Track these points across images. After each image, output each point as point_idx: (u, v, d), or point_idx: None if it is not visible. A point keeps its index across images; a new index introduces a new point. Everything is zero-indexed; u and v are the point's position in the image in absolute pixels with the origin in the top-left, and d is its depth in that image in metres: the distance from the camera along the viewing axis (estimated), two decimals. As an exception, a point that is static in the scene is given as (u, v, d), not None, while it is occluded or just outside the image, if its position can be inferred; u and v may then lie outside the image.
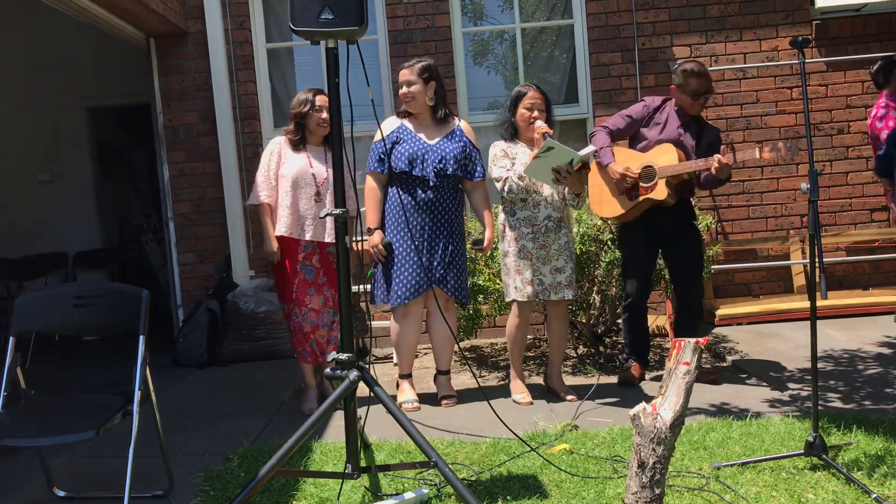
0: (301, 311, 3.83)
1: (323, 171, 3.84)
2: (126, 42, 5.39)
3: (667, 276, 4.30)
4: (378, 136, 3.80)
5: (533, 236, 3.72)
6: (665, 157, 3.78)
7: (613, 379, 4.15)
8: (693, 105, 3.86)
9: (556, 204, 3.76)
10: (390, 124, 3.86)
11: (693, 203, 4.12)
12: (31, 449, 3.12)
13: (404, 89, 3.78)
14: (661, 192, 3.77)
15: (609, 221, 4.33)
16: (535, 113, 3.73)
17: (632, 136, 4.01)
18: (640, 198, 3.83)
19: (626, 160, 3.89)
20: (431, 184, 3.73)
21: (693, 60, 3.94)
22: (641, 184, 3.82)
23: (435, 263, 3.76)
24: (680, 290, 4.03)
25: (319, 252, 3.88)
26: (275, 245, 3.80)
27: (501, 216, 3.82)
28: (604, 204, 3.99)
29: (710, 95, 3.92)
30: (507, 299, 3.84)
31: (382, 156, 3.78)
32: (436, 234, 3.76)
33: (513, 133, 3.83)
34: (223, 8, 5.39)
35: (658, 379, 4.01)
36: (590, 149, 3.62)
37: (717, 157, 3.60)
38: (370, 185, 3.82)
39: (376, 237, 3.76)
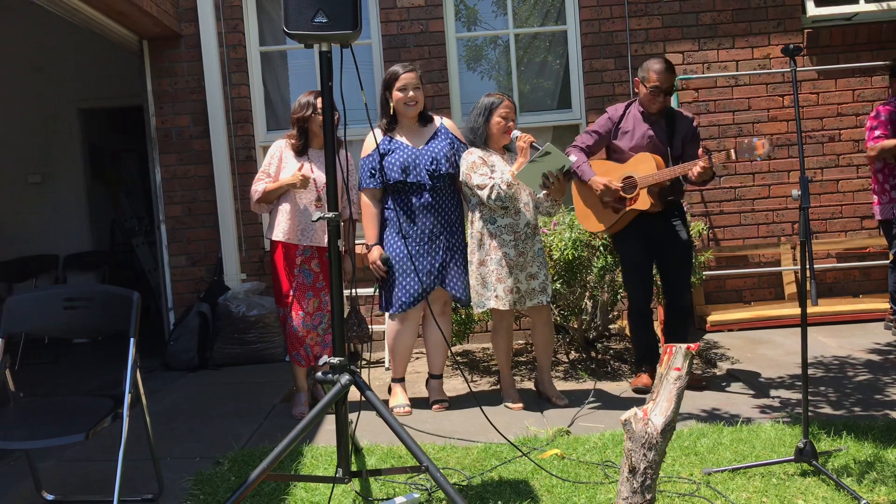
0: (297, 314, 3.82)
1: (324, 175, 3.81)
2: (119, 44, 5.38)
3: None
4: (365, 153, 3.80)
5: (515, 244, 3.71)
6: (644, 166, 3.79)
7: (606, 385, 4.16)
8: (652, 101, 3.84)
9: (531, 211, 3.77)
10: (375, 136, 3.82)
11: (683, 203, 4.11)
12: (19, 452, 3.10)
13: (411, 93, 3.73)
14: (644, 202, 3.79)
15: (598, 235, 4.34)
16: (511, 123, 3.75)
17: (606, 148, 4.03)
18: (625, 209, 3.85)
19: (607, 173, 3.90)
20: (428, 187, 3.73)
21: (660, 56, 3.90)
22: (624, 195, 3.83)
23: (436, 266, 3.76)
24: (668, 290, 4.03)
25: (319, 256, 3.87)
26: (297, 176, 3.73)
27: (478, 224, 3.76)
28: (590, 219, 4.01)
29: (668, 95, 3.85)
30: (482, 309, 3.77)
31: (374, 171, 3.76)
32: (436, 238, 3.76)
33: (485, 140, 3.81)
34: (217, 11, 5.39)
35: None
36: (573, 157, 3.64)
37: (698, 163, 3.62)
38: (365, 202, 3.81)
39: (375, 253, 3.75)
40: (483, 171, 3.69)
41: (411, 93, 3.73)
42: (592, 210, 3.98)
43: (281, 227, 3.80)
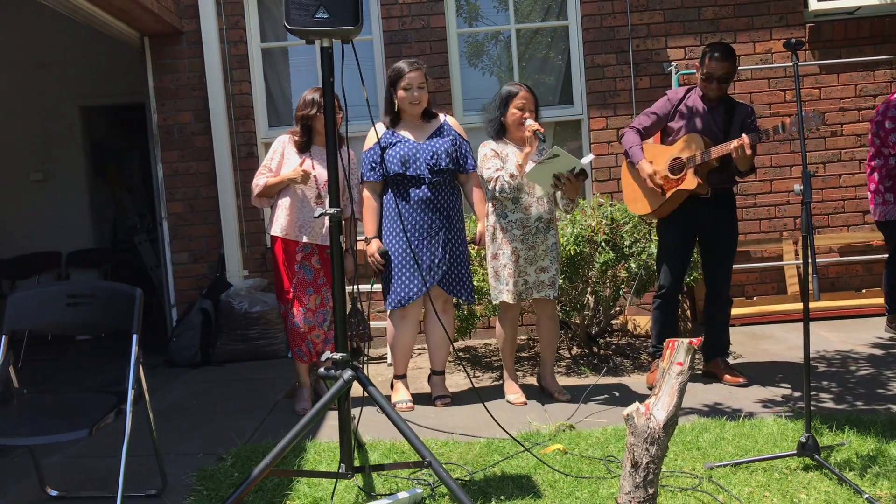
0: (298, 310, 3.82)
1: (325, 173, 3.81)
2: (120, 41, 5.38)
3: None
4: (367, 146, 3.80)
5: (523, 238, 3.72)
6: (691, 147, 3.78)
7: (608, 380, 4.16)
8: (707, 88, 3.84)
9: (546, 205, 3.76)
10: (377, 130, 3.82)
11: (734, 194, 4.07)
12: (23, 448, 3.11)
13: (416, 93, 3.73)
14: (690, 182, 3.76)
15: (645, 218, 4.33)
16: (526, 113, 3.73)
17: (662, 131, 4.01)
18: (672, 190, 3.82)
19: (655, 155, 3.89)
20: (427, 181, 3.73)
21: (720, 42, 3.88)
22: (672, 176, 3.81)
23: (436, 262, 3.76)
24: (710, 281, 4.03)
25: (319, 253, 3.87)
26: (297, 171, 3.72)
27: (492, 217, 3.79)
28: (637, 202, 3.99)
29: (727, 82, 3.84)
30: (495, 301, 3.82)
31: (374, 164, 3.77)
32: (435, 233, 3.75)
33: (499, 131, 3.81)
34: (218, 7, 5.38)
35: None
36: (589, 157, 3.66)
37: (734, 140, 3.60)
38: (366, 195, 3.81)
39: (373, 246, 3.75)
40: (492, 164, 3.69)
41: (416, 92, 3.73)
42: (640, 193, 3.96)
43: (279, 223, 3.80)
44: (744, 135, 3.61)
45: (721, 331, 4.03)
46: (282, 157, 3.83)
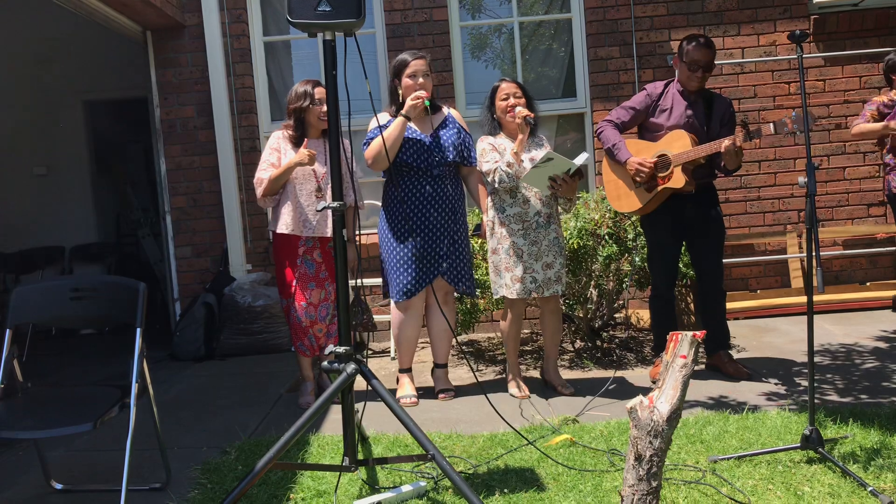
0: (300, 305, 3.82)
1: (322, 167, 3.81)
2: (123, 35, 5.37)
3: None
4: (371, 126, 3.78)
5: (524, 233, 3.71)
6: (678, 144, 3.74)
7: (611, 373, 4.16)
8: (690, 77, 3.81)
9: (545, 200, 3.75)
10: (382, 119, 3.81)
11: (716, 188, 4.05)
12: (28, 441, 3.13)
13: (421, 80, 3.71)
14: (678, 181, 3.73)
15: (629, 215, 4.30)
16: (512, 100, 3.71)
17: (640, 125, 3.98)
18: (658, 188, 3.79)
19: (639, 151, 3.85)
20: (433, 174, 3.72)
21: (700, 34, 3.86)
22: (658, 174, 3.79)
23: (441, 254, 3.75)
24: (701, 275, 4.00)
25: (321, 246, 3.87)
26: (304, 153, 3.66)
27: (491, 212, 3.78)
28: (622, 199, 3.94)
29: (711, 70, 3.83)
30: (496, 296, 3.82)
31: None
32: (439, 226, 3.75)
33: (495, 127, 3.81)
34: (220, 1, 5.37)
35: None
36: (583, 157, 3.61)
37: (726, 139, 3.58)
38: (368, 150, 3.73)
39: (408, 102, 3.64)
40: (490, 157, 3.69)
41: (421, 79, 3.71)
42: (624, 190, 3.92)
43: (283, 220, 3.79)
44: (735, 137, 3.59)
45: (721, 323, 4.01)
46: (279, 155, 3.81)
